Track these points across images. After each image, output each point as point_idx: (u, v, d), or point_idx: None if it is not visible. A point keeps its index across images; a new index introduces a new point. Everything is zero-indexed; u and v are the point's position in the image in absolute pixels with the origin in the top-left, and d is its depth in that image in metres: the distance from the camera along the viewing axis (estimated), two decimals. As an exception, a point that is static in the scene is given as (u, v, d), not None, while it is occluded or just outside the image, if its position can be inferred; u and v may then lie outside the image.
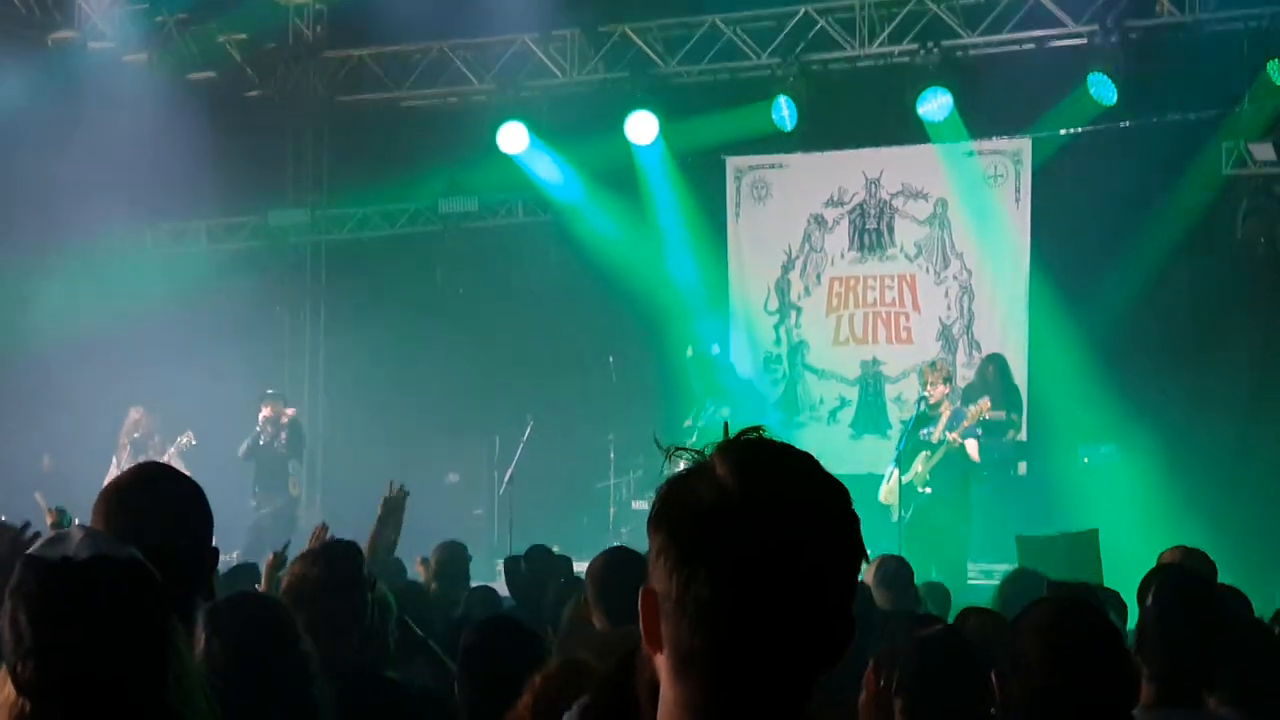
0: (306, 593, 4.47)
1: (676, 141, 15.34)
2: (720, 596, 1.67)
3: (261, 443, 14.24)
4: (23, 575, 2.50)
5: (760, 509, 1.68)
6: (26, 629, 2.46)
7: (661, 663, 1.74)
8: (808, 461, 1.74)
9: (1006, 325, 14.67)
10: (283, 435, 14.26)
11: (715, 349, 15.22)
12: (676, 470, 1.76)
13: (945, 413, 12.75)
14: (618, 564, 5.54)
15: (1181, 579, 4.52)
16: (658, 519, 1.73)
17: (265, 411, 14.28)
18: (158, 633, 2.55)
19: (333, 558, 4.75)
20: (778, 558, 1.67)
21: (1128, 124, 13.85)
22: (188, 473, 3.28)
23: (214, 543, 3.07)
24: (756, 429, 1.77)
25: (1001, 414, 13.28)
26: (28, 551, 2.54)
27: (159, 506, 2.98)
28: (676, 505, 1.72)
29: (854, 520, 1.73)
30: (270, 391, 14.48)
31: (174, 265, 15.62)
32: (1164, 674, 3.88)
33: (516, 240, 16.01)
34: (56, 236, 14.49)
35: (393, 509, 7.27)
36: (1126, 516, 12.19)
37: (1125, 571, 9.21)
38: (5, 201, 14.40)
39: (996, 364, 13.96)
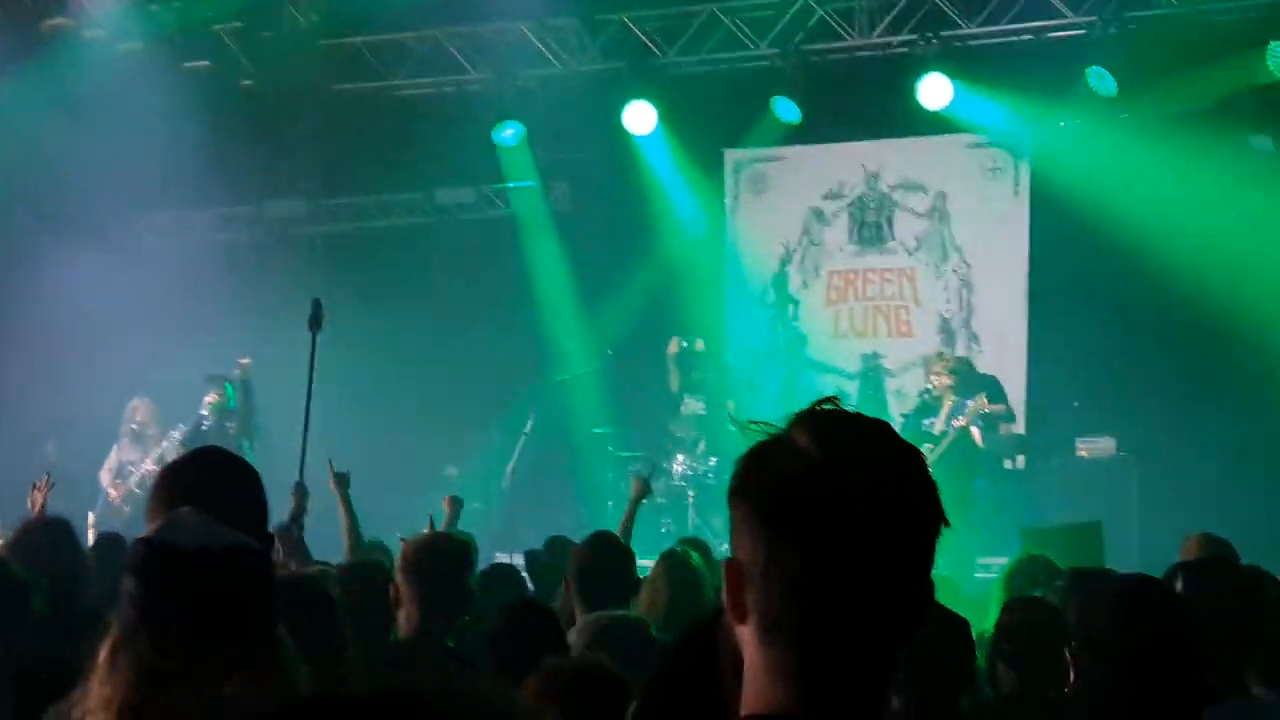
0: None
1: (674, 133, 15.28)
2: (807, 562, 1.69)
3: (205, 427, 13.53)
4: (165, 563, 2.47)
5: (843, 475, 1.69)
6: (180, 618, 2.45)
7: (746, 633, 1.74)
8: (884, 428, 1.76)
9: (1006, 318, 14.66)
10: (230, 422, 13.65)
11: (699, 344, 15.17)
12: (753, 443, 1.75)
13: (947, 404, 12.82)
14: (599, 552, 5.57)
15: (1215, 566, 4.49)
16: (740, 489, 1.74)
17: (210, 398, 13.67)
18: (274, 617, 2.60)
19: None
20: (862, 522, 1.68)
21: (1126, 115, 13.82)
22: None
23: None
24: (831, 399, 1.78)
25: (1001, 407, 13.32)
26: (158, 539, 2.51)
27: (219, 491, 2.96)
28: (758, 475, 1.73)
29: (933, 484, 1.74)
30: (213, 375, 13.78)
31: (171, 255, 15.52)
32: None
33: (511, 231, 15.94)
34: (53, 226, 14.41)
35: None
36: (1126, 509, 12.18)
37: (1126, 564, 9.20)
38: (1, 191, 14.33)
39: (963, 365, 14.00)
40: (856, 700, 1.72)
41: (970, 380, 13.69)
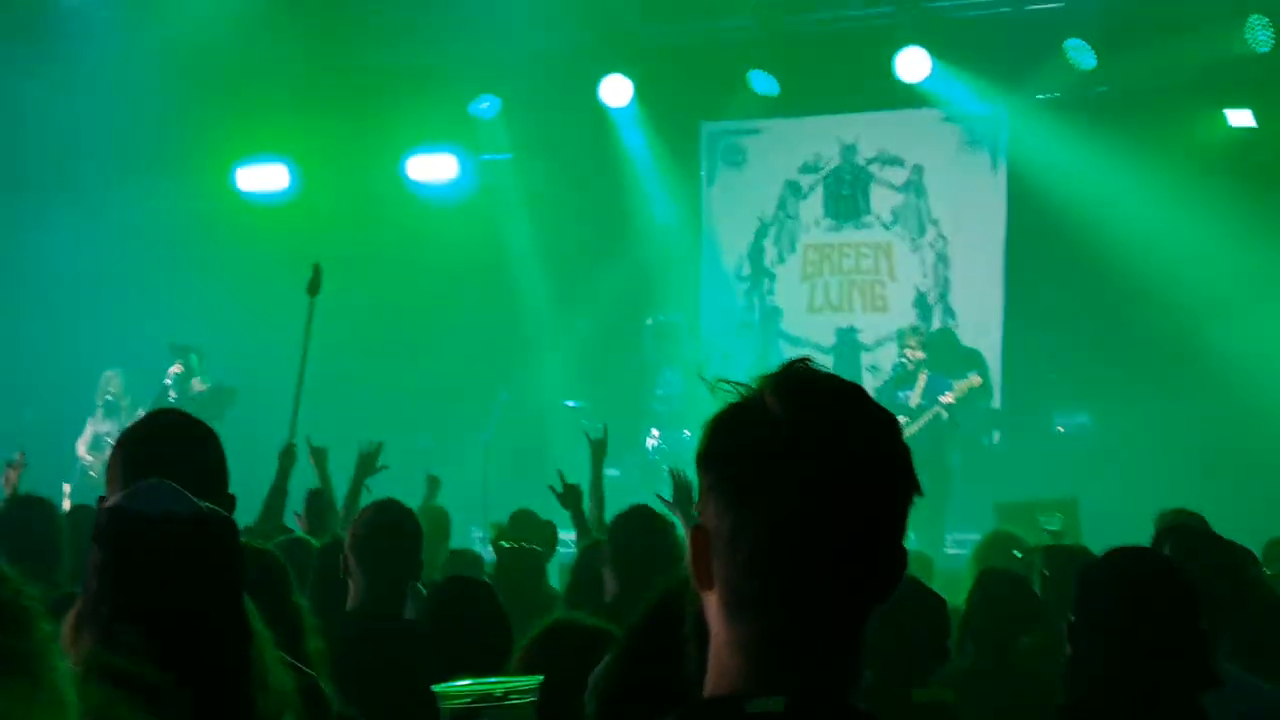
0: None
1: (650, 106, 15.21)
2: (774, 530, 1.62)
3: (171, 399, 13.47)
4: (129, 528, 2.44)
5: (813, 440, 1.62)
6: (145, 589, 2.41)
7: (712, 602, 1.68)
8: (857, 392, 1.69)
9: (982, 292, 14.64)
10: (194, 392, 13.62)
11: (674, 318, 15.22)
12: (724, 403, 1.69)
13: (922, 378, 12.78)
14: (638, 524, 5.50)
15: (1195, 537, 4.46)
16: (707, 455, 1.68)
17: (175, 369, 13.76)
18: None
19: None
20: (832, 493, 1.62)
21: (1105, 89, 13.80)
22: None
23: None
24: (804, 360, 1.71)
25: (980, 381, 13.30)
26: (122, 505, 2.48)
27: (177, 452, 2.95)
28: (727, 442, 1.67)
29: (906, 452, 1.68)
30: (176, 344, 13.87)
31: (145, 221, 15.41)
32: None
33: (487, 203, 15.86)
34: (27, 191, 14.36)
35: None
36: (1102, 485, 12.15)
37: (1103, 539, 9.17)
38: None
39: (946, 337, 14.02)
40: (824, 673, 1.66)
41: (954, 354, 13.69)
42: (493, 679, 2.58)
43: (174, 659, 2.37)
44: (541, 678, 2.55)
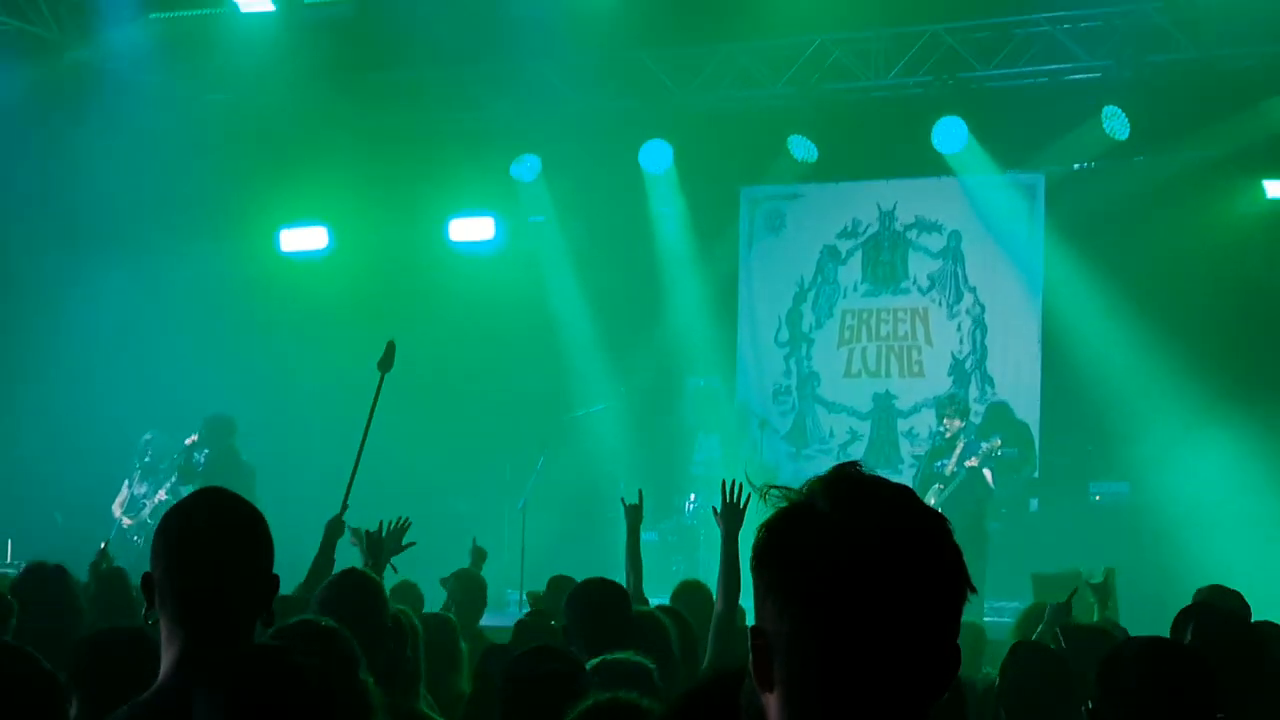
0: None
1: (689, 171, 15.33)
2: (833, 633, 1.69)
3: (201, 467, 13.58)
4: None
5: (868, 545, 1.70)
6: None
7: (772, 702, 1.74)
8: (908, 496, 1.76)
9: (1019, 360, 14.65)
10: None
11: (702, 382, 15.26)
12: (778, 509, 1.77)
13: (959, 446, 12.82)
14: (594, 593, 5.47)
15: (1219, 617, 4.47)
16: (765, 559, 1.75)
17: (191, 439, 13.80)
18: None
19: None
20: (888, 592, 1.69)
21: (1141, 158, 13.84)
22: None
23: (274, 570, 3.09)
24: (853, 464, 1.79)
25: (1015, 451, 13.29)
26: None
27: (225, 537, 2.97)
28: (783, 544, 1.74)
29: (957, 551, 1.75)
30: (210, 417, 13.89)
31: (193, 285, 15.55)
32: None
33: (526, 265, 15.95)
34: (82, 254, 14.53)
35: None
36: (1140, 555, 12.09)
37: (1141, 610, 9.14)
38: (27, 221, 14.42)
39: (1001, 409, 14.05)
40: None
41: (1004, 424, 13.69)
42: None
43: None
44: None
